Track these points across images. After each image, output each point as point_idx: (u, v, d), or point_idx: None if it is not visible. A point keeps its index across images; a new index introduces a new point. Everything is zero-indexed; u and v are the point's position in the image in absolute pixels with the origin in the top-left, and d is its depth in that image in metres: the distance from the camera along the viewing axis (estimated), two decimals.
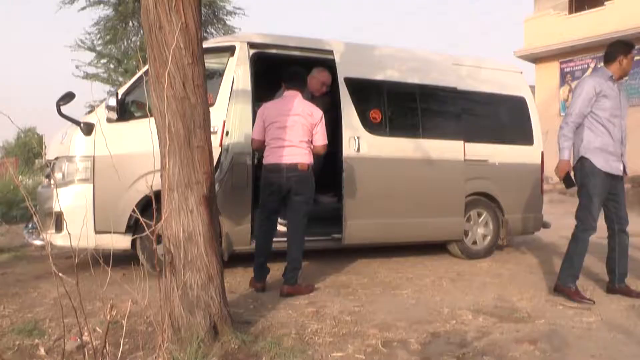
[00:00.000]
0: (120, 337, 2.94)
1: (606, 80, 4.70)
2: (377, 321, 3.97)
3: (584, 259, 4.78)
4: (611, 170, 4.67)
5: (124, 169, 5.08)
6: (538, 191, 7.22)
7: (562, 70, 21.90)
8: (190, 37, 3.24)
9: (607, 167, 4.66)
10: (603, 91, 4.64)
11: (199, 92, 3.31)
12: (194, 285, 3.29)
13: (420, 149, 6.32)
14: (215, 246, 3.39)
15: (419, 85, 6.54)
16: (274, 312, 4.19)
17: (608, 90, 4.66)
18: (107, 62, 16.36)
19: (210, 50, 5.56)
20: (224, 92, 5.44)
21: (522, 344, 3.46)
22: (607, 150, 4.66)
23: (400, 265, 6.36)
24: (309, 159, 4.80)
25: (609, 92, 4.65)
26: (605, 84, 4.67)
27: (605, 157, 4.66)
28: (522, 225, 7.22)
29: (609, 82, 4.70)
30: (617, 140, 4.67)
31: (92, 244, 4.95)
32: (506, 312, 4.29)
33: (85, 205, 5.06)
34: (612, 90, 4.68)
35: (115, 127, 5.33)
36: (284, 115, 4.78)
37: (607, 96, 4.64)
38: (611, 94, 4.66)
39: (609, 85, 4.68)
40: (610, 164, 4.67)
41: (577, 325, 3.92)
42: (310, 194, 4.87)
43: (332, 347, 3.37)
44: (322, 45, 6.19)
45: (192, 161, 3.28)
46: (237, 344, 3.31)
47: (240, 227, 5.50)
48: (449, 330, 3.78)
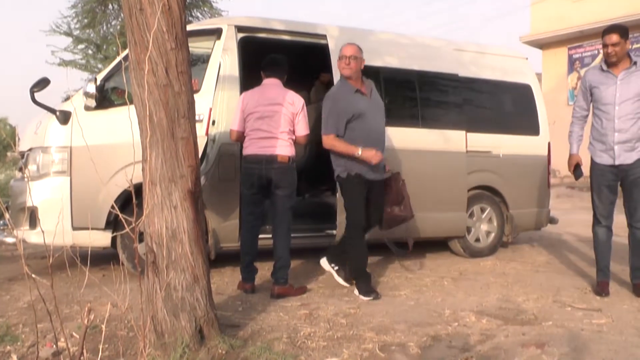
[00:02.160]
0: (99, 342, 2.91)
1: (598, 70, 4.90)
2: (374, 324, 3.95)
3: (604, 254, 4.96)
4: (601, 161, 4.86)
5: (104, 161, 5.06)
6: (545, 184, 7.22)
7: (571, 56, 21.90)
8: (174, 20, 3.20)
9: (598, 159, 4.88)
10: (593, 82, 4.87)
11: (183, 79, 3.27)
12: (178, 287, 3.26)
13: (419, 139, 6.31)
14: (201, 244, 3.36)
15: (418, 72, 6.53)
16: (264, 314, 4.17)
17: (598, 81, 4.84)
18: (85, 47, 16.23)
19: (196, 33, 5.52)
20: (210, 78, 5.41)
21: (528, 348, 3.45)
22: (600, 140, 4.87)
23: (398, 265, 6.36)
24: (289, 150, 4.80)
25: (599, 82, 4.84)
26: (598, 75, 4.88)
27: (598, 147, 4.89)
28: (528, 220, 7.22)
29: (601, 72, 4.86)
30: (608, 129, 4.79)
31: (69, 241, 4.91)
32: (511, 313, 4.29)
33: (62, 199, 5.03)
34: (605, 79, 4.82)
35: (93, 115, 5.29)
36: (264, 105, 4.77)
37: (597, 87, 4.84)
38: (602, 84, 4.82)
39: (601, 75, 4.85)
40: (599, 154, 4.88)
41: (587, 328, 3.92)
42: (292, 188, 4.88)
43: (326, 352, 3.36)
44: (315, 29, 6.16)
45: (176, 153, 3.25)
46: (225, 349, 3.29)
47: (227, 222, 5.48)
48: (450, 333, 3.77)
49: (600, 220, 4.93)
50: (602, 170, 4.86)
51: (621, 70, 4.75)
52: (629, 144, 4.73)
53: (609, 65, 4.81)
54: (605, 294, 4.82)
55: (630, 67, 4.74)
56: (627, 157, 4.74)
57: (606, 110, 4.79)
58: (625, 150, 4.74)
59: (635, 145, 4.74)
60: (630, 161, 4.74)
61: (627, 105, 4.71)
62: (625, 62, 4.77)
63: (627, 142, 4.73)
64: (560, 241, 8.28)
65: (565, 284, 5.32)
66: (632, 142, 4.73)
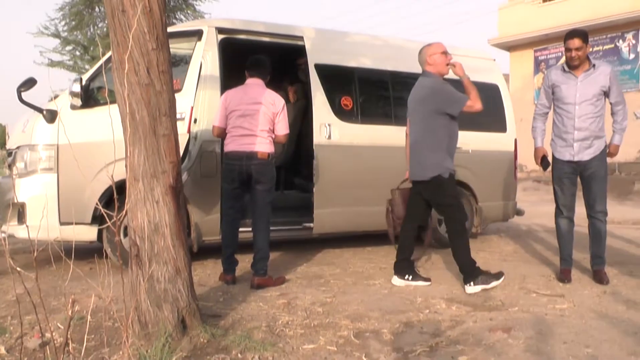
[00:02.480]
0: (85, 333, 2.87)
1: (561, 70, 4.96)
2: (349, 312, 3.96)
3: (567, 243, 5.05)
4: (562, 157, 4.94)
5: (90, 158, 5.02)
6: (512, 178, 7.28)
7: (536, 58, 22.10)
8: (155, 22, 3.16)
9: (559, 154, 4.97)
10: (556, 82, 4.94)
11: (164, 78, 3.23)
12: (161, 279, 3.23)
13: (393, 136, 6.31)
14: (182, 238, 3.33)
15: (391, 73, 6.54)
16: (244, 304, 4.15)
17: (560, 80, 4.92)
18: (73, 49, 16.02)
19: (178, 35, 5.49)
20: (192, 78, 5.36)
21: (495, 332, 3.48)
22: (560, 137, 4.96)
23: (373, 255, 6.37)
24: (269, 148, 4.78)
25: (561, 82, 4.91)
26: (560, 75, 4.94)
27: (559, 144, 4.97)
28: (496, 213, 7.28)
29: (563, 72, 4.93)
30: (568, 127, 4.87)
31: (56, 236, 4.85)
32: (480, 300, 4.31)
33: (49, 195, 4.97)
34: (566, 80, 4.89)
35: (79, 114, 5.23)
36: (246, 103, 4.75)
37: (559, 86, 4.91)
38: (563, 84, 4.89)
39: (563, 76, 4.92)
40: (560, 149, 4.97)
41: (551, 312, 3.95)
42: (271, 183, 4.86)
43: (303, 339, 3.35)
44: (292, 31, 6.14)
45: (158, 150, 3.22)
46: (207, 338, 3.27)
47: (209, 217, 5.45)
48: (422, 319, 3.78)
49: (563, 211, 5.01)
50: (563, 165, 4.94)
51: (581, 72, 4.82)
52: (587, 142, 4.83)
53: (571, 67, 4.87)
54: (568, 281, 4.89)
55: (589, 69, 4.82)
56: (585, 153, 4.83)
57: (567, 109, 4.86)
58: (584, 147, 4.83)
59: (593, 142, 4.83)
60: (587, 157, 4.84)
61: (586, 105, 4.79)
62: (585, 65, 4.84)
63: (586, 140, 4.82)
64: (526, 232, 8.35)
65: (531, 272, 5.36)
66: (590, 140, 4.83)
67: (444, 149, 4.71)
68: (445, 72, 4.80)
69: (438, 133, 4.68)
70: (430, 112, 4.66)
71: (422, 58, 4.83)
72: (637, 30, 19.53)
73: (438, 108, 4.64)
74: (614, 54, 19.93)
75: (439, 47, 4.80)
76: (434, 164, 4.67)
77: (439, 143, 4.69)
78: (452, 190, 4.80)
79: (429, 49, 4.81)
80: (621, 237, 7.63)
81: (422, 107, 4.72)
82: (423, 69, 4.84)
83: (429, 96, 4.68)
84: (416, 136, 4.79)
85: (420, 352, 3.13)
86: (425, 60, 4.81)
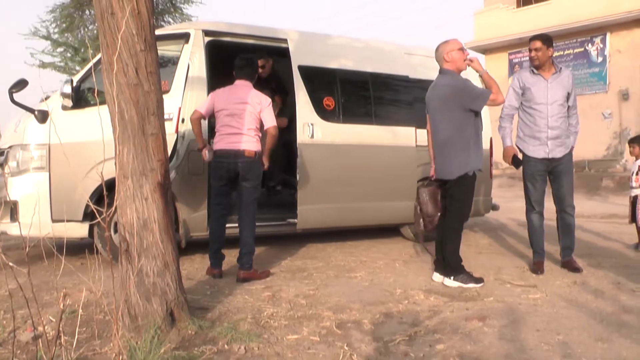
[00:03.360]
0: (76, 326, 2.85)
1: (530, 73, 5.01)
2: (331, 303, 3.96)
3: (538, 237, 5.09)
4: (536, 155, 4.98)
5: (80, 157, 4.98)
6: (487, 175, 7.31)
7: (511, 61, 22.31)
8: (143, 24, 3.15)
9: (532, 153, 4.99)
10: (527, 83, 4.98)
11: (152, 79, 3.22)
12: (150, 273, 3.22)
13: (373, 135, 6.34)
14: (170, 233, 3.32)
15: (372, 74, 6.55)
16: (230, 297, 4.14)
17: (531, 82, 4.97)
18: (64, 50, 15.86)
19: (165, 37, 5.47)
20: (179, 79, 5.35)
21: (471, 321, 3.51)
22: (533, 136, 4.99)
23: (354, 249, 6.39)
24: (256, 146, 4.77)
25: (531, 83, 4.97)
26: (530, 77, 5.00)
27: (532, 143, 5.00)
28: (474, 208, 7.31)
29: (532, 75, 4.99)
30: (542, 126, 4.92)
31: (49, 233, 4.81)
32: (456, 291, 4.34)
33: (41, 193, 4.93)
34: (537, 81, 4.95)
35: (70, 114, 5.20)
36: (234, 103, 4.74)
37: (530, 88, 4.96)
38: (534, 85, 4.95)
39: (533, 77, 4.98)
40: (532, 148, 5.00)
41: (524, 302, 4.00)
42: (257, 180, 4.84)
43: (287, 330, 3.36)
44: (276, 34, 6.13)
45: (146, 148, 3.20)
46: (194, 330, 3.26)
47: (197, 213, 5.43)
48: (401, 310, 3.80)
49: (534, 206, 5.07)
50: (536, 163, 4.99)
51: (550, 75, 4.93)
52: (560, 140, 4.92)
53: (537, 68, 4.95)
54: (540, 272, 4.93)
55: (556, 72, 4.94)
56: (557, 151, 4.92)
57: (539, 109, 4.92)
58: (557, 145, 4.91)
59: (564, 141, 4.94)
60: (560, 155, 4.92)
61: (556, 106, 4.89)
62: (551, 68, 4.95)
63: (558, 138, 4.91)
64: (501, 226, 8.42)
65: (506, 264, 5.41)
66: (561, 138, 4.92)
67: (470, 146, 4.55)
68: (464, 68, 4.64)
69: (465, 131, 4.53)
70: (456, 110, 4.49)
71: (440, 55, 4.64)
72: (604, 35, 19.80)
73: (462, 105, 4.48)
74: (584, 57, 20.18)
75: (456, 43, 4.64)
76: (461, 164, 4.53)
77: (467, 141, 4.54)
78: (472, 187, 4.67)
79: (446, 46, 4.63)
80: (590, 230, 7.72)
81: (446, 106, 4.54)
82: (441, 67, 4.66)
83: (452, 94, 4.50)
84: (443, 135, 4.59)
85: (399, 341, 3.15)
86: (442, 58, 4.62)
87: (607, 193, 16.29)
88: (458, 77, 4.61)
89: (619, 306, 3.85)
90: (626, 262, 5.46)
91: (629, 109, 19.34)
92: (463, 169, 4.53)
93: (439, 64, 4.69)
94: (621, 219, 8.89)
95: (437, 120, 4.63)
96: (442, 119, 4.58)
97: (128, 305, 3.20)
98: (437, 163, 4.69)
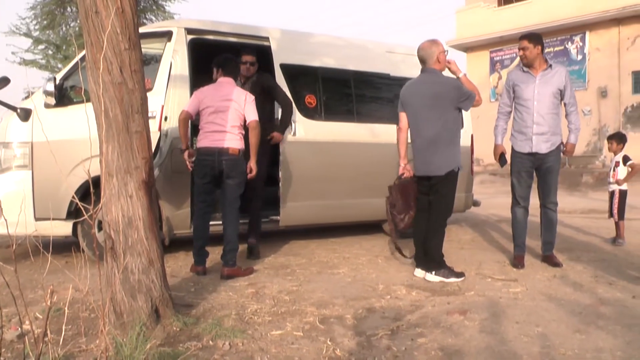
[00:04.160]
0: (62, 324, 2.86)
1: (520, 71, 5.13)
2: (314, 299, 4.00)
3: (521, 231, 5.19)
4: (521, 149, 5.09)
5: (64, 155, 4.97)
6: (468, 172, 7.38)
7: (492, 59, 22.49)
8: (127, 22, 3.16)
9: (519, 147, 5.11)
10: (516, 81, 5.11)
11: (136, 77, 3.24)
12: (134, 270, 3.24)
13: (355, 133, 6.39)
14: (155, 230, 3.34)
15: (354, 72, 6.60)
16: (214, 294, 4.17)
17: (520, 79, 5.09)
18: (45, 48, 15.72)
19: (148, 35, 5.46)
20: (162, 77, 5.34)
21: (452, 315, 3.57)
22: (520, 131, 5.10)
23: (337, 246, 6.44)
24: (239, 144, 4.79)
25: (520, 81, 5.08)
26: (520, 75, 5.12)
27: (519, 138, 5.11)
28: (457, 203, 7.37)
29: (522, 72, 5.10)
30: (528, 121, 5.03)
31: (32, 231, 4.80)
32: (438, 286, 4.40)
33: (24, 191, 4.91)
34: (526, 79, 5.06)
35: (53, 112, 5.18)
36: (218, 101, 4.76)
37: (518, 85, 5.08)
38: (522, 83, 5.06)
39: (522, 75, 5.09)
40: (519, 143, 5.11)
41: (504, 296, 4.07)
42: (241, 178, 4.86)
43: (271, 326, 3.39)
44: (258, 32, 6.15)
45: (131, 146, 3.22)
46: (179, 326, 3.28)
47: (180, 211, 5.44)
48: (383, 305, 3.85)
49: (519, 201, 5.16)
50: (522, 158, 5.09)
51: (539, 72, 5.01)
52: (545, 136, 4.99)
53: (527, 66, 5.05)
54: (521, 266, 5.02)
55: (547, 69, 5.02)
56: (542, 146, 4.99)
57: (526, 105, 5.02)
58: (542, 140, 4.99)
59: (550, 137, 5.00)
60: (545, 150, 4.99)
61: (543, 102, 4.97)
62: (542, 65, 5.03)
63: (544, 134, 4.99)
64: (483, 221, 8.50)
65: (487, 259, 5.49)
66: (547, 135, 4.99)
67: (456, 143, 4.71)
68: (444, 69, 4.76)
69: (452, 129, 4.66)
70: (447, 107, 4.60)
71: (431, 55, 4.68)
72: (584, 33, 20.05)
73: (453, 104, 4.60)
74: (564, 55, 20.40)
75: (442, 45, 4.77)
76: (449, 159, 4.63)
77: (453, 138, 4.67)
78: (456, 183, 4.79)
79: (438, 47, 4.70)
80: (570, 225, 7.84)
81: (438, 103, 4.61)
82: (428, 66, 4.71)
83: (447, 92, 4.60)
84: (431, 132, 4.62)
85: (382, 336, 3.20)
86: (435, 58, 4.67)
87: (587, 189, 16.51)
88: (448, 77, 4.74)
89: (597, 298, 3.94)
90: (604, 256, 5.56)
91: (608, 106, 19.62)
92: (451, 165, 4.64)
93: (427, 62, 4.72)
94: (600, 214, 9.05)
95: (425, 117, 4.66)
96: (431, 116, 4.63)
97: (113, 303, 3.22)
98: (421, 160, 4.73)
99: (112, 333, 3.07)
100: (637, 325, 3.31)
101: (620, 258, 5.42)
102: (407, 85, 4.88)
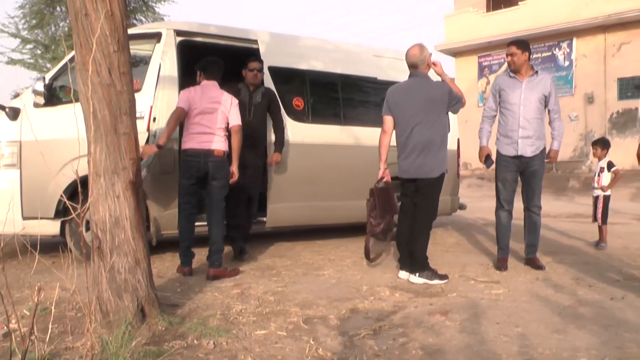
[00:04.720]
0: (49, 323, 2.91)
1: (507, 76, 5.23)
2: (299, 300, 4.05)
3: (504, 234, 5.27)
4: (507, 153, 5.17)
5: (52, 154, 4.98)
6: (455, 175, 7.46)
7: (481, 64, 22.64)
8: (116, 25, 3.20)
9: (504, 151, 5.18)
10: (502, 86, 5.20)
11: (125, 79, 3.28)
12: (121, 269, 3.27)
13: (342, 135, 6.46)
14: (141, 230, 3.38)
15: (341, 75, 6.67)
16: (200, 294, 4.21)
17: (506, 85, 5.18)
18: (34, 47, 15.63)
19: (137, 36, 5.49)
20: (151, 78, 5.37)
21: (434, 316, 3.63)
22: (505, 135, 5.18)
23: (322, 248, 6.49)
24: (224, 146, 4.85)
25: (507, 86, 5.17)
26: (506, 80, 5.21)
27: (504, 141, 5.19)
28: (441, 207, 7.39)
29: (509, 78, 5.20)
30: (513, 125, 5.12)
31: (19, 230, 4.81)
32: (421, 287, 4.47)
33: (12, 190, 4.92)
34: (512, 84, 5.16)
35: (42, 112, 5.20)
36: (205, 103, 4.80)
37: (505, 90, 5.17)
38: (509, 88, 5.16)
39: (509, 80, 5.19)
40: (505, 147, 5.18)
41: (486, 297, 4.14)
42: (226, 179, 4.89)
43: (255, 326, 3.43)
44: (247, 34, 6.20)
45: (119, 147, 3.26)
46: (165, 325, 3.32)
47: (167, 211, 5.47)
48: (367, 306, 3.90)
49: (504, 205, 5.24)
50: (507, 161, 5.17)
51: (525, 78, 5.12)
52: (531, 140, 5.08)
53: (514, 72, 5.15)
54: (504, 269, 5.10)
55: (533, 75, 5.13)
56: (527, 150, 5.08)
57: (512, 110, 5.11)
58: (527, 144, 5.08)
59: (535, 142, 5.09)
60: (529, 154, 5.08)
61: (529, 107, 5.07)
62: (528, 71, 5.14)
63: (529, 138, 5.08)
64: (468, 225, 8.59)
65: (471, 261, 5.56)
66: (532, 139, 5.08)
67: (446, 146, 4.83)
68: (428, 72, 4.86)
69: (443, 132, 4.76)
70: (441, 111, 4.72)
71: (424, 60, 4.75)
72: (571, 40, 20.23)
73: (446, 107, 4.72)
74: (551, 61, 20.59)
75: (427, 49, 4.86)
76: (441, 162, 4.73)
77: (443, 141, 4.77)
78: (442, 186, 4.88)
79: (427, 52, 4.79)
80: (555, 229, 7.94)
81: (434, 107, 4.67)
82: (419, 70, 4.77)
83: (442, 96, 4.67)
84: (425, 136, 4.66)
85: (364, 335, 3.26)
86: (427, 63, 4.76)
87: (573, 193, 16.67)
88: (438, 81, 4.86)
89: (576, 300, 4.02)
90: (586, 259, 5.66)
91: (594, 112, 19.81)
92: (442, 168, 4.75)
93: (418, 67, 4.76)
94: (585, 218, 9.17)
95: (418, 121, 4.67)
96: (425, 119, 4.66)
97: (100, 302, 3.25)
98: (410, 163, 4.75)
99: (98, 331, 3.09)
100: (613, 326, 3.39)
101: (602, 261, 5.52)
102: (394, 89, 4.91)
